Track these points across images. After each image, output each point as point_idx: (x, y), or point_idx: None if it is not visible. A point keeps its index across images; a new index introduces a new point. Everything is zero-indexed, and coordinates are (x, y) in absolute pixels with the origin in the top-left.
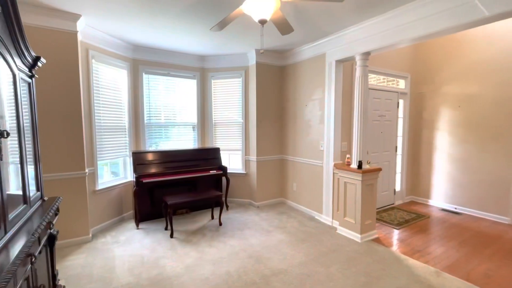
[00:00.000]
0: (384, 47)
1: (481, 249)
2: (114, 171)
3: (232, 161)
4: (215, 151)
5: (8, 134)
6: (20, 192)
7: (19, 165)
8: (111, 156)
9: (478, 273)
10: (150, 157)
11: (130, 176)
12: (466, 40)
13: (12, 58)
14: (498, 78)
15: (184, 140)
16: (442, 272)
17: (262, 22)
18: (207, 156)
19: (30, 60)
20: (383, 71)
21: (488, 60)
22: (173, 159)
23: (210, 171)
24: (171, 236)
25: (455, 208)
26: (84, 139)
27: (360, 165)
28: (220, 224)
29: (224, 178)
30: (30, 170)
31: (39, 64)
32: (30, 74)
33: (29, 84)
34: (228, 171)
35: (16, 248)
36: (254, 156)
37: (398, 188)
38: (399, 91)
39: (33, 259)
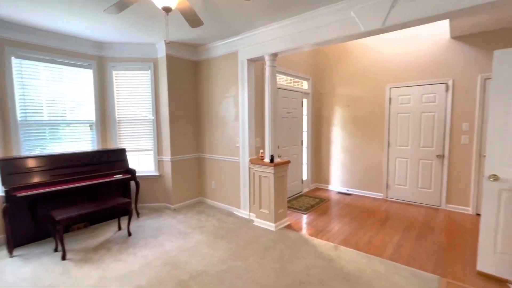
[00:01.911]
0: (290, 50)
1: (365, 222)
2: None
3: (142, 163)
4: (120, 153)
5: None
6: None
7: None
8: None
9: (363, 241)
10: (29, 163)
11: None
12: (352, 50)
13: None
14: (372, 83)
15: (79, 141)
16: (339, 246)
17: (166, 9)
18: (110, 159)
19: None
20: (290, 72)
21: (366, 68)
22: (64, 165)
23: (115, 176)
24: (63, 258)
25: (347, 190)
26: None
27: (272, 159)
28: (130, 234)
29: (133, 182)
30: None
31: None
32: None
33: None
34: (137, 174)
35: None
36: (168, 156)
37: (305, 177)
38: (303, 91)
39: None
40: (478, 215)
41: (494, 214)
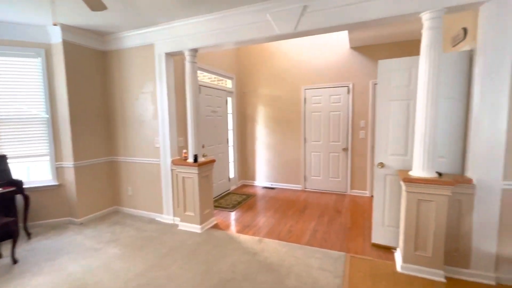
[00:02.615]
0: (210, 46)
1: (286, 212)
2: None
3: (33, 172)
4: None
5: None
6: None
7: None
8: None
9: (285, 231)
10: None
11: None
12: (273, 52)
13: None
14: (290, 84)
15: None
16: (263, 238)
17: None
18: None
19: None
20: (213, 70)
21: (285, 70)
22: None
23: None
24: None
25: (271, 185)
26: None
27: (196, 159)
28: (15, 261)
29: (19, 196)
30: None
31: None
32: None
33: None
34: (26, 186)
35: None
36: (70, 161)
37: (232, 175)
38: (227, 90)
39: None
40: (372, 196)
41: (382, 195)
